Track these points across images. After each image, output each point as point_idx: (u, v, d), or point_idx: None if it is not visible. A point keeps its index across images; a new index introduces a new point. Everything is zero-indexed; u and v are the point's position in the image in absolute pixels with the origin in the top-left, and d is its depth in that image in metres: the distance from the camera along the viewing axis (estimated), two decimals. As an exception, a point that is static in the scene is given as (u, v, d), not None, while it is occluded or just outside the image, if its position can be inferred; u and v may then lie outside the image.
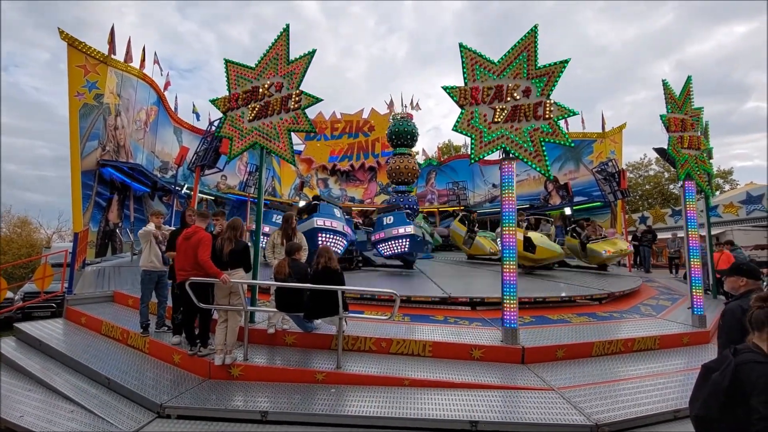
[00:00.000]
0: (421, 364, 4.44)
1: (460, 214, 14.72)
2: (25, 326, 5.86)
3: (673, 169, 8.42)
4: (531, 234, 10.30)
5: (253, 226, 5.57)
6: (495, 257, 10.93)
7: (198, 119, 19.22)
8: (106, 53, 11.43)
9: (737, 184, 28.43)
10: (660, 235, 16.94)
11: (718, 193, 22.42)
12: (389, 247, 9.52)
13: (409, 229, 9.18)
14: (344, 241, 8.39)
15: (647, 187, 32.95)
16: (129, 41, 13.15)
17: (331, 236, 8.01)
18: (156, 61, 15.44)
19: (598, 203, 17.19)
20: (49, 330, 5.82)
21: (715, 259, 9.04)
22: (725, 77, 76.08)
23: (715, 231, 13.48)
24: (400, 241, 9.29)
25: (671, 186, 30.68)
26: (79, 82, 10.36)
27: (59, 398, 4.09)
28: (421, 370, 4.28)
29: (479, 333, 5.18)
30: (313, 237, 7.65)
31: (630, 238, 13.90)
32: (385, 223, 9.69)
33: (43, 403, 4.00)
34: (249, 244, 4.94)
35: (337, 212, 8.86)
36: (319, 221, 7.98)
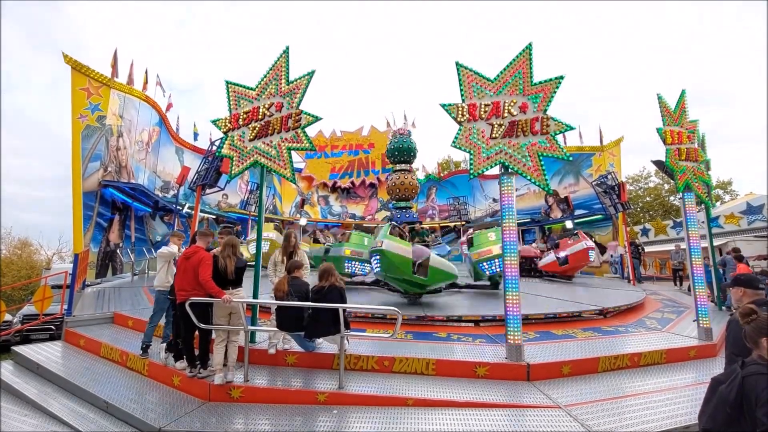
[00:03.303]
0: (424, 383, 4.36)
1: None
2: (23, 349, 5.80)
3: (672, 181, 8.42)
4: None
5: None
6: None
7: (196, 139, 19.47)
8: (109, 76, 11.67)
9: (737, 195, 28.47)
10: (663, 247, 16.88)
11: (718, 204, 22.42)
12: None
13: None
14: None
15: (648, 199, 33.00)
16: (132, 64, 13.47)
17: None
18: (158, 83, 15.76)
19: (600, 216, 17.18)
20: (47, 353, 5.75)
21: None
22: (718, 87, 77.20)
23: (717, 242, 13.42)
24: None
25: (671, 197, 30.73)
26: (82, 104, 10.54)
27: (56, 423, 4.01)
28: (424, 389, 4.20)
29: (483, 350, 5.11)
30: None
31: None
32: None
33: (40, 428, 3.92)
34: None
35: None
36: None
